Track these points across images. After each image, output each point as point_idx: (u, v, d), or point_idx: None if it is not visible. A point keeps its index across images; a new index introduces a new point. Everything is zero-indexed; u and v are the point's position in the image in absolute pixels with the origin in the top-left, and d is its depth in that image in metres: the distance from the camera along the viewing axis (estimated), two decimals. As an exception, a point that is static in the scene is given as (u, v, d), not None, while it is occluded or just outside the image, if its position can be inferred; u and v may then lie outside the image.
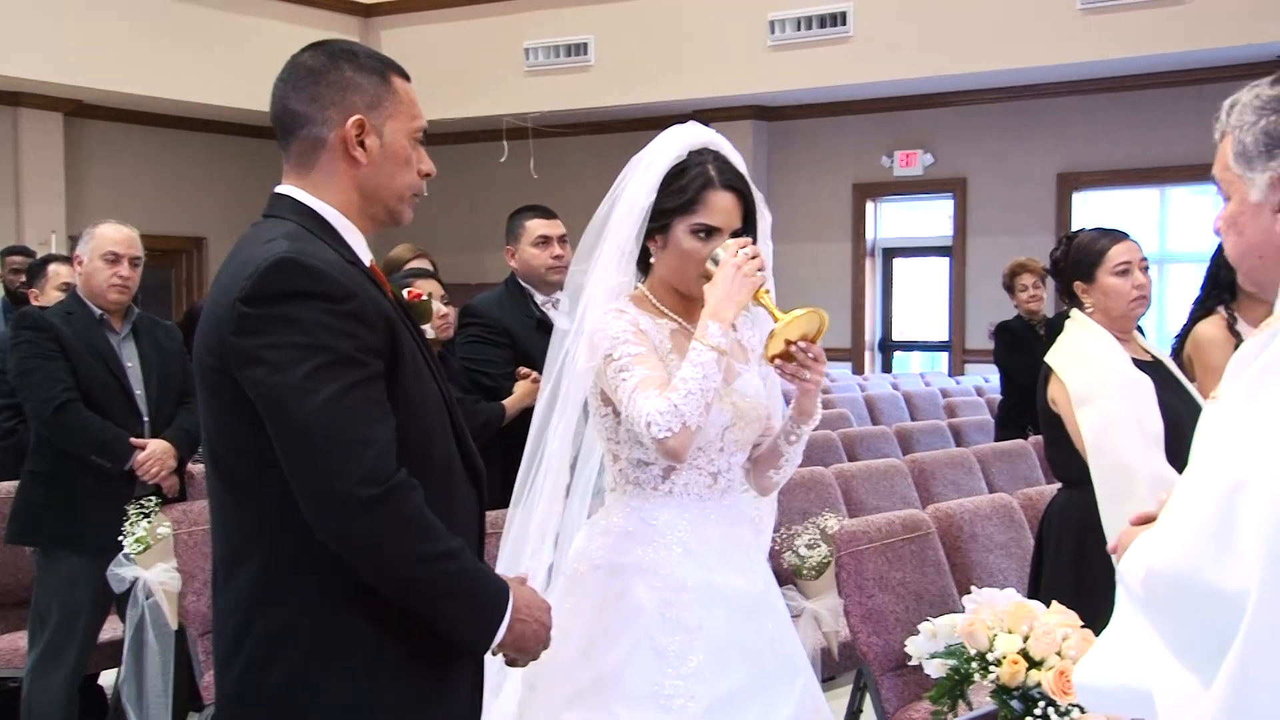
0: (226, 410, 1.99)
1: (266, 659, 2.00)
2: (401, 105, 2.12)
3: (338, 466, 1.90)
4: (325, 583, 1.99)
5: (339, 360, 1.92)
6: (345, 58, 2.11)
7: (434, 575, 1.99)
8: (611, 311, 2.65)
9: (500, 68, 12.61)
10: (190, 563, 4.05)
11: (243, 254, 2.02)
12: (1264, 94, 1.69)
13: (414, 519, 1.96)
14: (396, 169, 2.12)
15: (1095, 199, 11.80)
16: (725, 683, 2.59)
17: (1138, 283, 3.61)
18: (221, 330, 1.96)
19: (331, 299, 1.94)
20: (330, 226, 2.09)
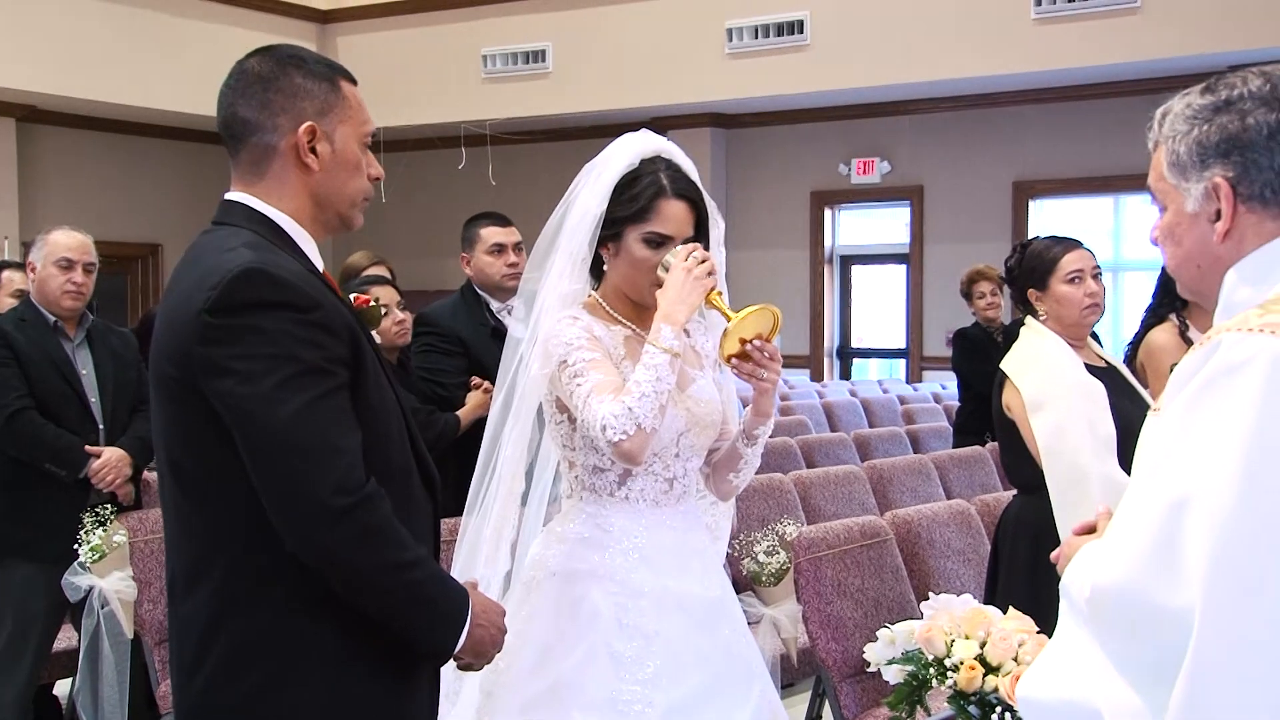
0: (189, 421, 1.98)
1: (233, 669, 1.99)
2: (351, 110, 2.12)
3: (310, 477, 1.90)
4: (291, 592, 1.98)
5: (307, 371, 1.92)
6: (294, 64, 2.10)
7: (402, 584, 2.00)
8: (565, 319, 2.66)
9: (458, 75, 12.58)
10: (146, 571, 4.02)
11: (202, 263, 2.01)
12: (1195, 103, 1.69)
13: (384, 528, 1.96)
14: (348, 174, 2.12)
15: (1051, 207, 11.90)
16: (682, 688, 2.60)
17: (1090, 290, 3.65)
18: (185, 341, 1.94)
19: (298, 309, 1.94)
20: (285, 234, 2.08)
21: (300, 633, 1.99)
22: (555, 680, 2.59)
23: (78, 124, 12.47)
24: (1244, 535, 1.47)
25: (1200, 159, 1.67)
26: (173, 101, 11.77)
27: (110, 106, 11.88)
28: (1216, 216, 1.67)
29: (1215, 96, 1.68)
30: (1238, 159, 1.64)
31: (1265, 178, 1.64)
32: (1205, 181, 1.67)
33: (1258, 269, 1.65)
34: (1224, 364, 1.53)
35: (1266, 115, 1.64)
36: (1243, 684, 1.46)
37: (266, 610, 1.98)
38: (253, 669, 1.98)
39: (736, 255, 13.66)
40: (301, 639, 1.99)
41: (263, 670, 1.98)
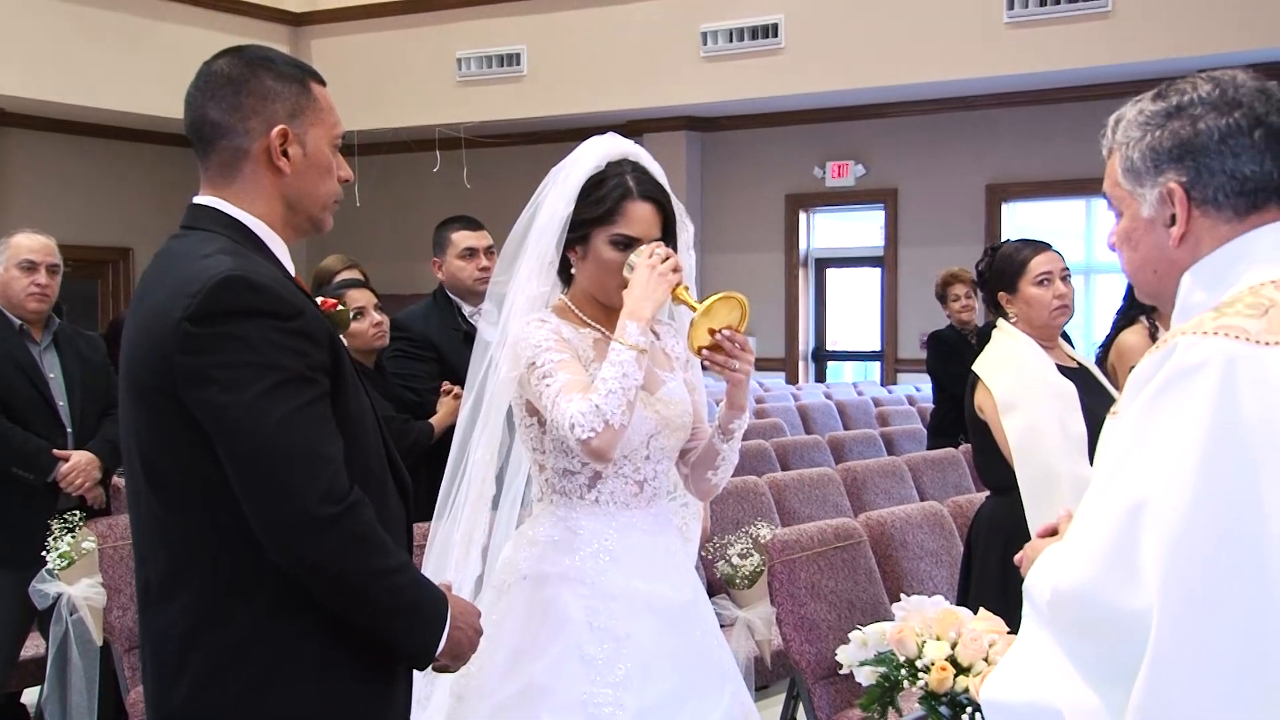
0: (167, 428, 1.96)
1: (215, 677, 1.97)
2: (322, 113, 2.11)
3: (296, 486, 1.89)
4: (272, 598, 1.97)
5: (291, 379, 1.91)
6: (264, 65, 2.08)
7: (385, 590, 1.99)
8: (534, 321, 2.66)
9: (432, 78, 12.55)
10: (115, 577, 3.99)
11: (177, 269, 1.98)
12: (1147, 109, 1.71)
13: (369, 535, 1.96)
14: (320, 177, 2.10)
15: (1024, 210, 11.95)
16: (653, 691, 2.60)
17: (1058, 292, 3.66)
18: (164, 348, 1.92)
19: (280, 317, 1.93)
20: (257, 239, 2.06)
21: (282, 639, 1.98)
22: (526, 683, 2.59)
23: (47, 127, 12.40)
24: (1199, 537, 1.48)
25: (1154, 164, 1.68)
26: (144, 104, 11.71)
27: (81, 109, 11.81)
28: (1171, 221, 1.68)
29: (1167, 102, 1.69)
30: (1190, 164, 1.66)
31: (1218, 182, 1.65)
32: (1159, 187, 1.68)
33: (1212, 272, 1.67)
34: (1179, 367, 1.54)
35: (1217, 120, 1.65)
36: (1200, 685, 1.47)
37: (247, 617, 1.97)
38: (234, 677, 1.97)
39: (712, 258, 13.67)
40: (283, 645, 1.98)
41: (244, 678, 1.97)
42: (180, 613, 1.99)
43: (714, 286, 2.89)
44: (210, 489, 1.94)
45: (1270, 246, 1.65)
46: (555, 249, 2.71)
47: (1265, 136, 1.65)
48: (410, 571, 2.04)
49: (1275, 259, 1.64)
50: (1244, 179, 1.65)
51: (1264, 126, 1.65)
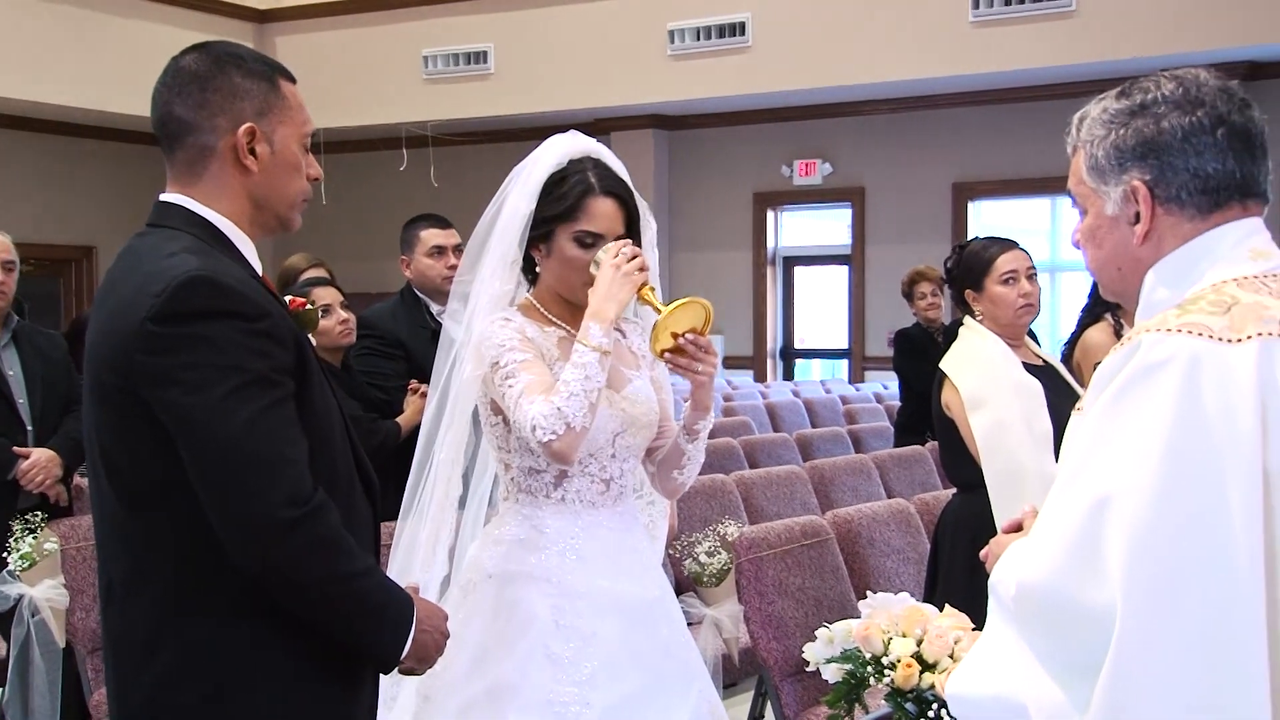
0: (130, 428, 1.94)
1: (177, 678, 1.96)
2: (290, 111, 2.08)
3: (259, 489, 1.87)
4: (236, 599, 1.95)
5: (255, 381, 1.89)
6: (232, 62, 2.06)
7: (350, 593, 1.98)
8: (498, 320, 2.66)
9: (399, 75, 12.51)
10: (78, 579, 3.96)
11: (142, 268, 1.96)
12: (1111, 108, 1.72)
13: (333, 538, 1.94)
14: (288, 176, 2.08)
15: (990, 208, 12.01)
16: (620, 689, 2.60)
17: (1023, 291, 3.68)
18: (127, 348, 1.90)
19: (245, 318, 1.91)
20: (224, 238, 2.04)
21: (245, 641, 1.97)
22: (493, 683, 2.58)
23: (9, 124, 12.27)
24: (1163, 533, 1.49)
25: (1118, 162, 1.70)
26: (107, 102, 11.60)
27: (43, 106, 11.69)
28: (1135, 219, 1.70)
29: (1130, 101, 1.71)
30: (1154, 162, 1.67)
31: (1181, 180, 1.66)
32: (1123, 185, 1.69)
33: (1175, 270, 1.68)
34: (1143, 364, 1.55)
35: (1181, 119, 1.66)
36: (1163, 680, 1.48)
37: (210, 618, 1.95)
38: (197, 678, 1.95)
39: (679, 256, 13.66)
40: (246, 647, 1.97)
41: (208, 679, 1.95)
42: (142, 612, 1.97)
43: (682, 285, 2.90)
44: (171, 489, 1.92)
45: (1232, 245, 1.67)
46: (518, 247, 2.71)
47: (1227, 135, 1.66)
48: (375, 575, 2.03)
49: (1236, 257, 1.66)
50: (1206, 177, 1.66)
51: (1226, 125, 1.66)
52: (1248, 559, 1.47)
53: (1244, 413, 1.50)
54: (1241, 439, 1.49)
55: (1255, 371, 1.52)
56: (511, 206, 2.71)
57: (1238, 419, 1.50)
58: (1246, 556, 1.47)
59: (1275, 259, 1.66)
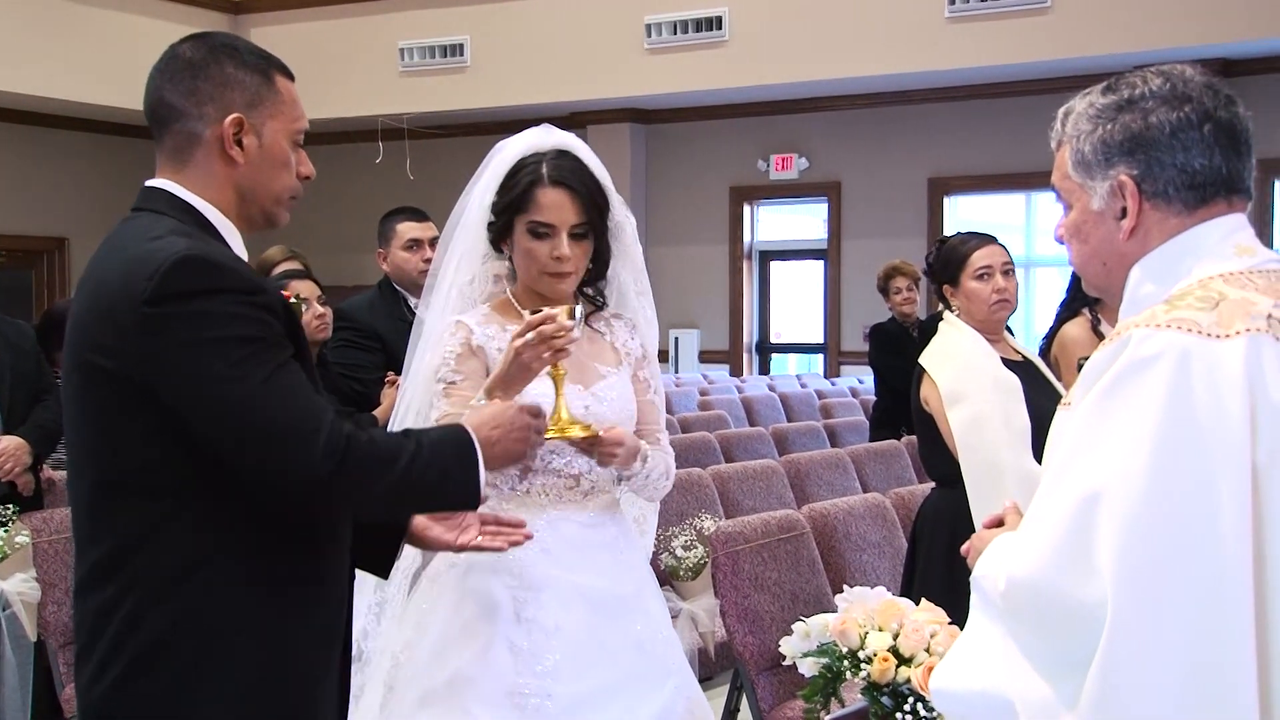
0: (114, 414, 1.92)
1: (149, 661, 1.94)
2: (283, 105, 2.07)
3: (294, 452, 1.88)
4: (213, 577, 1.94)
5: (260, 344, 1.89)
6: (227, 52, 2.05)
7: (412, 483, 2.00)
8: (452, 324, 2.69)
9: (375, 68, 12.46)
10: (50, 572, 3.93)
11: (128, 251, 1.95)
12: (1097, 102, 1.72)
13: (373, 459, 1.94)
14: (275, 170, 2.07)
15: (965, 203, 12.05)
16: (584, 682, 2.59)
17: (998, 286, 3.68)
18: (119, 333, 1.89)
19: (241, 291, 1.91)
20: (209, 224, 2.03)
21: (214, 630, 1.95)
22: (453, 674, 2.58)
23: (-18, 114, 12.20)
24: (1153, 529, 1.49)
25: (1105, 157, 1.69)
26: (80, 92, 11.53)
27: (13, 96, 11.59)
28: (1122, 214, 1.69)
29: (1117, 95, 1.70)
30: (1142, 157, 1.67)
31: (1168, 175, 1.67)
32: (1110, 180, 1.69)
33: (1161, 265, 1.68)
34: (1133, 359, 1.55)
35: (1168, 114, 1.67)
36: (1153, 675, 1.48)
37: (187, 597, 1.94)
38: (166, 662, 1.94)
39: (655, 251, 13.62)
40: (214, 637, 1.95)
41: (182, 657, 1.94)
42: (116, 597, 1.95)
43: (658, 279, 2.88)
44: (155, 471, 1.92)
45: (1217, 240, 1.67)
46: (480, 239, 2.73)
47: (1214, 131, 1.67)
48: (421, 449, 2.01)
49: (1222, 253, 1.66)
50: (1193, 173, 1.66)
51: (1213, 121, 1.67)
52: (1237, 554, 1.47)
53: (1233, 408, 1.50)
54: (1230, 434, 1.49)
55: (1244, 367, 1.52)
56: (476, 198, 2.73)
57: (1227, 415, 1.50)
58: (1235, 551, 1.47)
59: (1260, 255, 1.66)
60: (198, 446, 1.90)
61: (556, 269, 2.66)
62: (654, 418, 2.85)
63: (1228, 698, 1.47)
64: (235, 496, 1.94)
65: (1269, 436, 1.51)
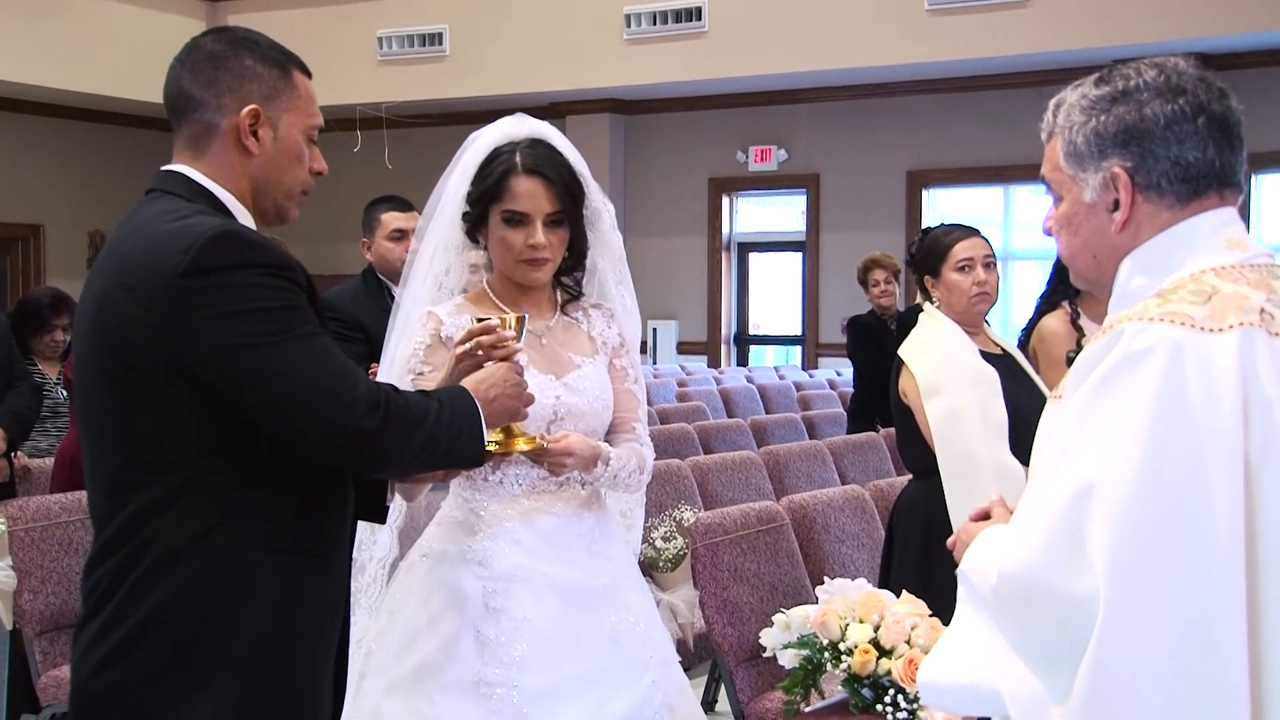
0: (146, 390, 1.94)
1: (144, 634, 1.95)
2: (299, 100, 2.13)
3: (339, 410, 1.93)
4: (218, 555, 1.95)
5: (294, 312, 1.95)
6: (247, 46, 2.10)
7: (437, 442, 2.08)
8: (423, 315, 2.69)
9: (353, 56, 12.40)
10: (26, 560, 3.91)
11: (157, 227, 1.97)
12: (1090, 94, 1.71)
13: (409, 415, 2.02)
14: (288, 164, 2.12)
15: (944, 196, 12.08)
16: (552, 673, 2.58)
17: (978, 279, 3.69)
18: (154, 306, 1.91)
19: (274, 266, 1.96)
20: (225, 209, 2.06)
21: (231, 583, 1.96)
22: (419, 662, 2.58)
23: (-45, 100, 12.10)
24: (1146, 522, 1.49)
25: (1098, 149, 1.69)
26: (57, 79, 11.43)
27: (-10, 83, 11.53)
28: (1114, 206, 1.69)
29: (1111, 87, 1.70)
30: (1136, 149, 1.67)
31: (1162, 168, 1.66)
32: (1103, 172, 1.69)
33: (1153, 258, 1.68)
34: (1126, 353, 1.55)
35: (1163, 106, 1.66)
36: (1145, 669, 1.48)
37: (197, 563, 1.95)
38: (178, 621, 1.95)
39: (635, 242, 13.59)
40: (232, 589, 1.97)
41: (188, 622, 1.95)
42: (130, 558, 1.96)
43: (638, 270, 2.88)
44: (174, 447, 1.94)
45: (1208, 234, 1.67)
46: (455, 228, 2.74)
47: (1208, 124, 1.66)
48: (443, 408, 2.10)
49: (1214, 247, 1.66)
50: (1187, 165, 1.66)
51: (1206, 114, 1.67)
52: (1229, 547, 1.48)
53: (1226, 402, 1.50)
54: (1224, 428, 1.50)
55: (1237, 361, 1.52)
56: (451, 189, 2.73)
57: (1220, 408, 1.50)
58: (1228, 545, 1.48)
59: (1251, 250, 1.66)
60: (226, 416, 1.93)
61: (532, 256, 2.67)
62: (632, 407, 2.83)
63: (1220, 691, 1.47)
64: (251, 466, 1.97)
65: (1261, 430, 1.52)
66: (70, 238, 12.94)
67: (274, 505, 2.01)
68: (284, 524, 2.01)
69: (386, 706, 2.58)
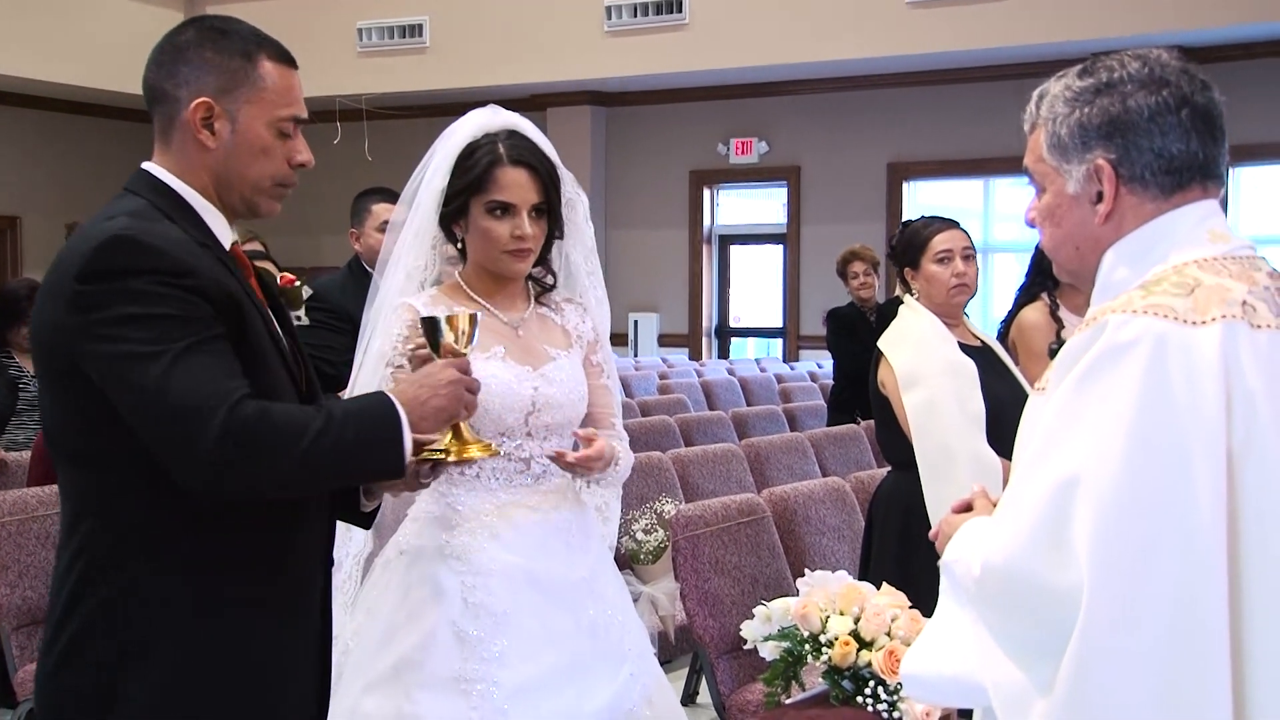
0: (59, 386, 1.95)
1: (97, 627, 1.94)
2: (264, 91, 2.05)
3: (190, 428, 1.84)
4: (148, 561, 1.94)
5: (177, 323, 1.88)
6: (210, 36, 2.05)
7: (323, 456, 1.92)
8: (400, 306, 2.68)
9: (333, 48, 12.35)
10: (3, 554, 3.89)
11: (84, 229, 1.98)
12: (1074, 85, 1.71)
13: (270, 434, 1.88)
14: (250, 157, 2.05)
15: (924, 189, 12.10)
16: (532, 668, 2.58)
17: (957, 271, 3.69)
18: (60, 308, 1.91)
19: (168, 273, 1.89)
20: (186, 206, 2.04)
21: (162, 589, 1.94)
22: (398, 659, 2.58)
23: (-69, 91, 12.00)
24: (1130, 515, 1.49)
25: (1082, 141, 1.69)
26: (34, 69, 11.34)
27: (-36, 73, 11.44)
28: (1097, 198, 1.69)
29: (1095, 79, 1.70)
30: (1120, 141, 1.67)
31: (1145, 160, 1.66)
32: (1087, 164, 1.68)
33: (1136, 250, 1.68)
34: (1110, 345, 1.55)
35: (1147, 98, 1.66)
36: (1129, 661, 1.48)
37: (131, 569, 1.94)
38: (114, 629, 1.93)
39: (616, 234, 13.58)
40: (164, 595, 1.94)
41: (126, 631, 1.93)
42: (69, 564, 1.97)
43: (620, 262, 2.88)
44: (101, 448, 1.93)
45: (1191, 226, 1.67)
46: (432, 222, 2.73)
47: (1191, 116, 1.66)
48: (332, 420, 1.94)
49: (1196, 239, 1.66)
50: (1171, 157, 1.66)
51: (1190, 106, 1.67)
52: (1213, 539, 1.48)
53: (1209, 394, 1.51)
54: (1207, 420, 1.50)
55: (1220, 353, 1.52)
56: (428, 182, 2.72)
57: (1203, 401, 1.50)
58: (1211, 536, 1.48)
59: (1233, 242, 1.67)
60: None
61: (518, 247, 2.67)
62: (608, 402, 2.85)
63: (1202, 681, 1.47)
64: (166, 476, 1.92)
65: (1244, 423, 1.52)
66: (48, 230, 12.85)
67: (203, 513, 1.94)
68: (214, 533, 1.96)
69: (365, 705, 2.57)
